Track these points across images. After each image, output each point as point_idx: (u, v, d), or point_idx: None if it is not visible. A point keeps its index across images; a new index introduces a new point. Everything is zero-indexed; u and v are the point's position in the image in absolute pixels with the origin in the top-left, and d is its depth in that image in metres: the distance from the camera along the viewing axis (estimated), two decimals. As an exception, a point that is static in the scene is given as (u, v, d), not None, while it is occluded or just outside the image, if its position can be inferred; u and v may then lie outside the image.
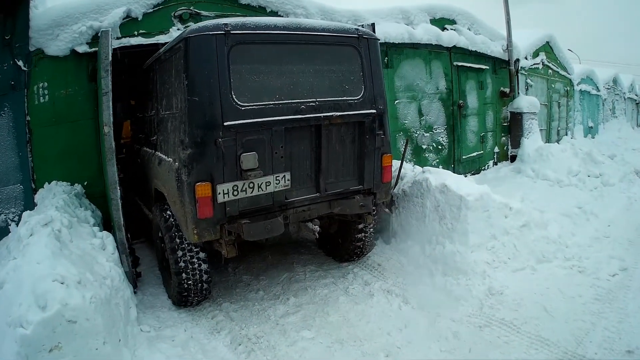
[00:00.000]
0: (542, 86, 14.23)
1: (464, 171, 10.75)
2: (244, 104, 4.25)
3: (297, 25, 4.64)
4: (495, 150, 11.84)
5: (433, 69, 9.67)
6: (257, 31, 4.33)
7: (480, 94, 11.06)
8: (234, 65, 4.20)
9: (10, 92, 5.78)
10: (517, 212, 5.81)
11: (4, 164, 5.82)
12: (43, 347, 3.13)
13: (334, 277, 5.58)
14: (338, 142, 4.87)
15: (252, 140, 4.31)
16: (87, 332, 3.36)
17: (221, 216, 4.32)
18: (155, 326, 4.62)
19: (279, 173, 4.48)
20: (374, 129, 5.00)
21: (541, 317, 4.38)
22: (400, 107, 9.17)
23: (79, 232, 4.72)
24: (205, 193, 4.18)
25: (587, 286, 4.95)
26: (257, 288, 5.40)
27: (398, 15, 9.08)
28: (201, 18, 6.73)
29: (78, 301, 3.37)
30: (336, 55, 4.81)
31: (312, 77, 4.64)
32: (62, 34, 5.90)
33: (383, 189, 5.30)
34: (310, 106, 4.57)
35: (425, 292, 5.05)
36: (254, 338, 4.35)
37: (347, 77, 4.86)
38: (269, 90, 4.40)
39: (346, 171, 5.00)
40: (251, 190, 4.35)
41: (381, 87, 5.09)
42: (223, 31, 4.15)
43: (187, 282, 4.77)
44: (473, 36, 10.30)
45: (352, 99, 4.86)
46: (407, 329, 4.38)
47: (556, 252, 5.61)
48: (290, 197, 4.67)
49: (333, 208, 4.96)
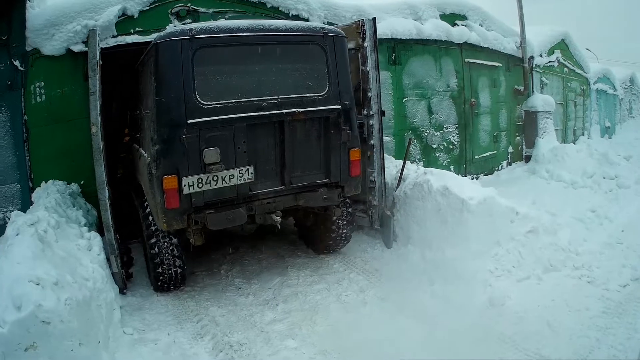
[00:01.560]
0: (557, 84, 13.87)
1: (476, 172, 10.55)
2: (206, 103, 4.53)
3: (261, 26, 4.83)
4: (509, 150, 11.58)
5: (443, 66, 9.46)
6: (220, 34, 4.60)
7: (493, 92, 10.79)
8: (198, 67, 4.50)
9: (7, 91, 5.85)
10: (524, 217, 5.53)
11: (2, 163, 5.90)
12: (19, 345, 3.22)
13: (328, 283, 5.41)
14: (303, 137, 5.07)
15: (214, 137, 4.58)
16: (62, 333, 3.40)
17: (187, 207, 4.63)
18: (140, 329, 4.55)
19: (242, 167, 4.72)
20: (339, 124, 5.16)
21: (543, 333, 4.12)
22: (409, 105, 8.99)
23: (66, 233, 4.71)
24: (172, 185, 4.50)
25: (595, 298, 4.66)
26: (248, 292, 5.28)
27: (406, 10, 8.90)
28: (199, 15, 6.69)
29: (52, 303, 3.42)
30: (301, 54, 5.04)
31: (275, 75, 4.87)
32: (58, 34, 5.91)
33: (352, 182, 5.44)
34: (273, 103, 4.79)
35: (423, 301, 4.83)
36: (236, 345, 4.24)
37: (311, 75, 5.06)
38: (231, 89, 4.67)
39: (312, 165, 5.18)
40: (215, 183, 4.63)
41: (347, 83, 5.25)
42: (188, 36, 4.44)
43: (162, 267, 5.12)
44: (485, 32, 10.05)
45: (316, 95, 5.04)
46: (400, 341, 4.12)
47: (565, 261, 5.32)
48: (255, 190, 4.92)
49: (298, 201, 5.14)
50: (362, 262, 5.95)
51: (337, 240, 6.05)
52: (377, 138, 6.15)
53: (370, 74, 6.07)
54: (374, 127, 6.13)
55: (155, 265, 5.14)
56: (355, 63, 6.21)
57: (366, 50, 6.05)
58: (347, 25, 6.33)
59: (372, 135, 6.15)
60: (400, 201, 6.15)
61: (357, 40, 6.15)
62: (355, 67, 6.21)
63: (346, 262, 6.01)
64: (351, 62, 6.21)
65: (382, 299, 4.95)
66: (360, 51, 6.15)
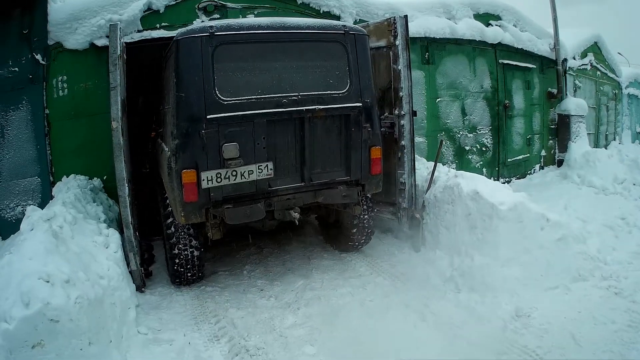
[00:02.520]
0: (590, 88, 13.48)
1: (508, 175, 10.26)
2: (226, 99, 4.59)
3: (281, 24, 4.89)
4: (542, 153, 11.25)
5: (477, 67, 9.20)
6: (240, 32, 4.66)
7: (527, 94, 10.48)
8: (218, 63, 4.57)
9: (29, 85, 5.82)
10: (555, 224, 5.24)
11: (22, 156, 5.87)
12: (26, 343, 3.20)
13: (353, 287, 5.23)
14: (323, 134, 5.08)
15: (234, 132, 4.64)
16: (71, 332, 3.38)
17: (206, 201, 4.69)
18: (155, 328, 4.46)
19: (261, 162, 4.75)
20: (361, 121, 5.17)
21: (568, 347, 3.91)
22: (442, 106, 8.76)
23: (83, 229, 4.63)
24: (191, 179, 4.56)
25: (622, 310, 4.42)
26: (270, 294, 5.14)
27: (439, 9, 8.66)
28: (227, 10, 6.58)
29: (61, 301, 3.38)
30: (321, 51, 5.05)
31: (295, 72, 4.90)
32: (81, 28, 5.88)
33: (372, 181, 5.44)
34: (293, 100, 4.83)
35: (447, 309, 4.64)
36: (252, 349, 4.09)
37: (332, 72, 5.09)
38: (251, 85, 4.71)
39: (333, 162, 5.20)
40: (234, 178, 4.67)
41: (368, 81, 5.25)
42: (208, 33, 4.53)
43: (180, 261, 5.15)
44: (519, 33, 9.74)
45: (337, 92, 5.06)
46: (419, 350, 3.94)
47: (593, 270, 5.07)
48: (274, 186, 4.94)
49: (317, 197, 5.17)
50: (389, 266, 5.77)
51: (359, 238, 6.02)
52: (408, 139, 5.98)
53: (402, 73, 5.91)
54: (405, 127, 5.96)
55: (173, 259, 5.18)
56: (387, 61, 6.08)
57: (398, 48, 5.90)
58: (379, 22, 6.19)
59: (403, 136, 5.98)
60: (430, 204, 5.95)
61: (389, 38, 6.00)
62: (386, 65, 6.08)
63: (372, 266, 5.83)
64: (382, 61, 6.14)
65: (406, 306, 4.74)
66: (392, 49, 5.99)
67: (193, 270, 5.26)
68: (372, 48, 6.16)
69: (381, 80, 6.17)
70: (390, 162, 6.13)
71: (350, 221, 5.85)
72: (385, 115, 6.13)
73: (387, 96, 6.14)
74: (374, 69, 6.17)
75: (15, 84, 5.79)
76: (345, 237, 6.04)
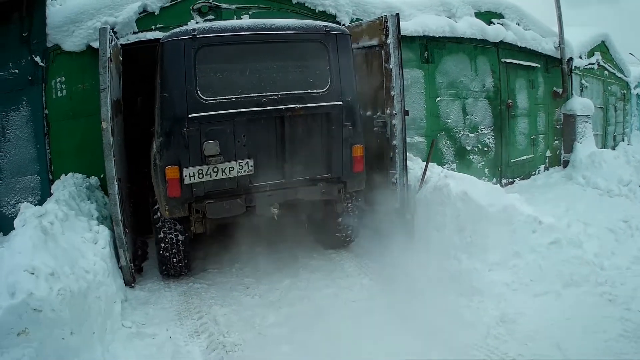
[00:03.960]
0: (597, 88, 13.23)
1: (512, 176, 10.17)
2: (207, 99, 4.84)
3: (262, 25, 5.07)
4: (547, 154, 11.10)
5: (479, 65, 9.13)
6: (222, 34, 4.91)
7: (531, 94, 10.37)
8: (200, 65, 4.80)
9: (28, 86, 6.01)
10: (548, 228, 5.13)
11: (22, 155, 6.07)
12: (11, 330, 3.39)
13: (339, 288, 5.26)
14: (304, 132, 5.24)
15: (215, 130, 4.87)
16: (53, 322, 3.55)
17: (189, 196, 4.95)
18: (140, 323, 4.58)
19: (241, 159, 4.98)
20: (341, 120, 5.32)
21: (552, 356, 3.79)
22: (442, 105, 8.73)
23: (74, 225, 4.78)
24: (174, 175, 4.82)
25: (614, 319, 4.26)
26: (255, 293, 5.21)
27: (439, 7, 8.62)
28: (221, 11, 6.68)
29: (44, 292, 3.56)
30: (302, 52, 5.23)
31: (276, 72, 5.08)
32: (78, 30, 6.05)
33: (354, 178, 5.59)
34: (272, 99, 5.02)
35: (432, 313, 4.55)
36: (230, 346, 4.18)
37: (313, 72, 5.26)
38: (232, 85, 4.95)
39: (314, 160, 5.35)
40: (215, 174, 4.92)
41: (350, 80, 5.39)
42: (190, 36, 4.78)
43: (166, 251, 5.35)
44: (522, 32, 9.62)
45: (317, 91, 5.23)
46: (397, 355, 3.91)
47: (588, 275, 4.87)
48: (255, 182, 5.15)
49: (298, 194, 5.34)
50: (378, 267, 5.75)
51: (343, 235, 6.15)
52: (400, 138, 5.95)
53: (393, 72, 5.85)
54: (396, 127, 5.92)
55: (159, 244, 5.39)
56: (379, 60, 6.05)
57: (389, 47, 5.84)
58: (371, 21, 6.19)
59: (395, 136, 5.95)
60: (421, 205, 5.92)
61: (381, 37, 5.97)
62: (379, 64, 6.07)
63: (361, 267, 5.85)
64: (375, 60, 6.13)
65: (389, 309, 4.72)
66: (384, 48, 5.95)
67: (179, 256, 5.38)
68: (365, 47, 6.21)
69: (374, 80, 6.16)
70: (382, 162, 6.14)
71: (335, 218, 5.97)
72: (378, 114, 6.14)
73: (379, 95, 6.13)
74: (367, 68, 6.23)
75: (15, 85, 5.98)
76: (331, 234, 6.19)
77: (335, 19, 7.46)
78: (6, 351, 3.35)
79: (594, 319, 4.26)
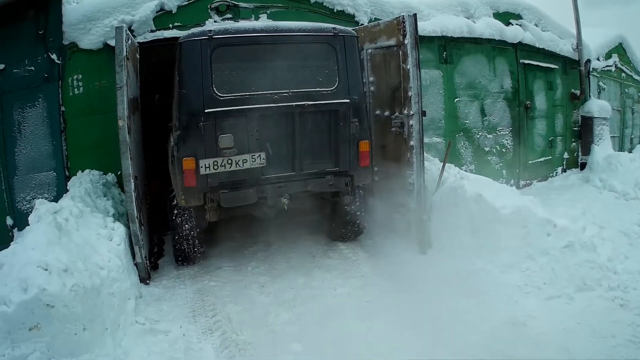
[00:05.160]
0: (614, 90, 13.08)
1: (529, 177, 10.09)
2: (222, 95, 5.10)
3: (274, 27, 5.38)
4: (564, 156, 10.99)
5: (497, 66, 9.08)
6: (237, 35, 5.18)
7: (549, 95, 10.27)
8: (216, 63, 5.07)
9: (44, 83, 6.10)
10: (562, 231, 5.12)
11: (38, 151, 6.16)
12: (23, 325, 3.44)
13: (352, 288, 5.24)
14: (313, 127, 5.51)
15: (229, 125, 5.12)
16: (65, 317, 3.59)
17: (204, 186, 5.21)
18: (153, 319, 4.60)
19: (254, 152, 5.22)
20: (349, 116, 5.56)
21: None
22: (461, 106, 8.69)
23: (89, 222, 4.83)
24: (190, 166, 5.08)
25: (625, 324, 4.22)
26: (269, 291, 5.22)
27: (457, 7, 8.59)
28: (239, 10, 6.69)
29: (56, 288, 3.59)
30: (312, 52, 5.51)
31: (287, 71, 5.35)
32: (95, 28, 6.12)
33: (361, 172, 5.81)
34: (284, 96, 5.26)
35: (441, 315, 4.52)
36: (242, 344, 4.19)
37: (322, 71, 5.53)
38: (246, 83, 5.20)
39: (322, 154, 5.63)
40: (229, 166, 5.16)
41: (357, 79, 5.67)
42: (207, 36, 5.06)
43: (181, 238, 5.62)
44: (540, 33, 9.54)
45: (326, 89, 5.47)
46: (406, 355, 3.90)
47: (601, 280, 4.87)
48: (267, 174, 5.40)
49: (307, 186, 5.60)
50: (392, 267, 5.70)
51: (351, 227, 6.37)
52: (417, 139, 5.88)
53: (411, 72, 5.79)
54: (414, 127, 5.86)
55: (174, 236, 5.66)
56: (397, 61, 6.02)
57: (407, 47, 5.79)
58: (389, 21, 6.16)
59: (412, 136, 5.89)
60: (436, 206, 5.90)
61: (398, 37, 5.94)
62: (396, 64, 6.04)
63: (376, 266, 5.82)
64: (392, 60, 6.11)
65: (399, 309, 4.69)
66: (401, 48, 5.92)
67: (194, 244, 5.68)
68: (384, 47, 6.20)
69: (392, 80, 6.14)
70: (400, 162, 6.14)
71: (341, 211, 6.18)
72: (396, 114, 6.12)
73: (397, 95, 6.11)
74: (385, 68, 6.23)
75: (31, 82, 6.07)
76: (338, 226, 6.43)
77: (353, 19, 7.50)
78: (17, 346, 3.42)
79: (605, 323, 4.25)
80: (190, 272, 5.78)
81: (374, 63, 6.43)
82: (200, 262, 5.97)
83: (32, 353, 3.41)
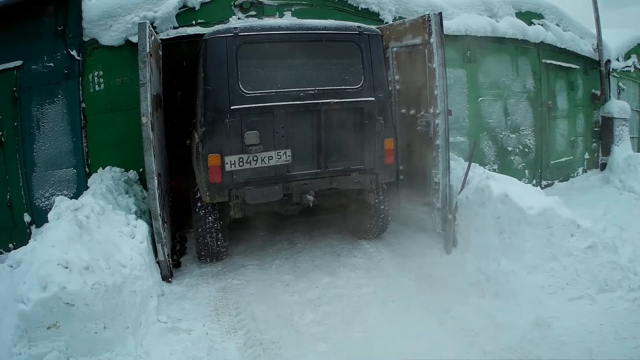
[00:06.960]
0: (634, 91, 12.93)
1: (551, 177, 10.02)
2: (248, 92, 5.11)
3: (300, 25, 5.47)
4: (585, 156, 10.90)
5: (520, 66, 9.03)
6: (262, 32, 5.18)
7: (571, 95, 10.17)
8: (242, 60, 5.09)
9: (64, 80, 6.10)
10: (585, 231, 4.99)
11: (57, 148, 6.16)
12: (41, 323, 3.40)
13: (377, 287, 5.17)
14: (338, 125, 5.48)
15: (255, 122, 5.14)
16: (86, 315, 3.56)
17: (229, 182, 5.20)
18: (176, 318, 4.55)
19: (280, 149, 5.25)
20: (374, 114, 5.58)
21: None
22: (484, 105, 8.66)
23: (110, 219, 4.79)
24: (215, 162, 5.09)
25: None
26: (294, 290, 5.16)
27: (480, 7, 8.55)
28: (263, 7, 6.66)
29: (77, 286, 3.56)
30: (337, 50, 5.51)
31: (313, 69, 5.36)
32: (116, 25, 6.12)
33: (386, 170, 5.83)
34: (310, 93, 5.29)
35: (468, 314, 4.51)
36: (267, 343, 4.13)
37: (347, 69, 5.52)
38: (271, 80, 5.21)
39: (347, 152, 5.61)
40: (255, 163, 5.18)
41: (382, 77, 5.68)
42: (232, 34, 5.08)
43: (204, 231, 5.58)
44: (562, 33, 9.45)
45: (351, 87, 5.49)
46: (430, 356, 3.86)
47: (622, 281, 4.75)
48: (292, 171, 5.42)
49: (332, 183, 5.61)
50: (417, 267, 5.67)
51: (374, 225, 6.31)
52: (443, 138, 5.87)
53: (437, 71, 5.78)
54: (439, 126, 5.86)
55: (198, 233, 5.63)
56: (422, 59, 6.00)
57: (432, 46, 5.78)
58: (414, 19, 6.11)
59: (438, 135, 5.89)
60: (462, 205, 5.81)
61: (424, 36, 5.91)
62: (422, 63, 6.02)
63: (400, 266, 5.76)
64: (418, 58, 6.09)
65: (426, 309, 4.65)
66: (427, 47, 5.89)
67: (217, 240, 5.64)
68: (409, 45, 6.17)
69: (418, 78, 6.11)
70: (425, 161, 6.13)
71: (366, 208, 6.16)
72: (422, 113, 6.10)
73: (423, 94, 6.08)
74: (411, 67, 6.21)
75: (50, 79, 6.08)
76: (362, 224, 6.38)
77: (378, 17, 7.48)
78: (34, 344, 3.40)
79: (626, 324, 4.18)
80: (213, 270, 5.74)
81: (399, 61, 6.36)
82: (223, 260, 5.94)
83: (50, 352, 3.38)
